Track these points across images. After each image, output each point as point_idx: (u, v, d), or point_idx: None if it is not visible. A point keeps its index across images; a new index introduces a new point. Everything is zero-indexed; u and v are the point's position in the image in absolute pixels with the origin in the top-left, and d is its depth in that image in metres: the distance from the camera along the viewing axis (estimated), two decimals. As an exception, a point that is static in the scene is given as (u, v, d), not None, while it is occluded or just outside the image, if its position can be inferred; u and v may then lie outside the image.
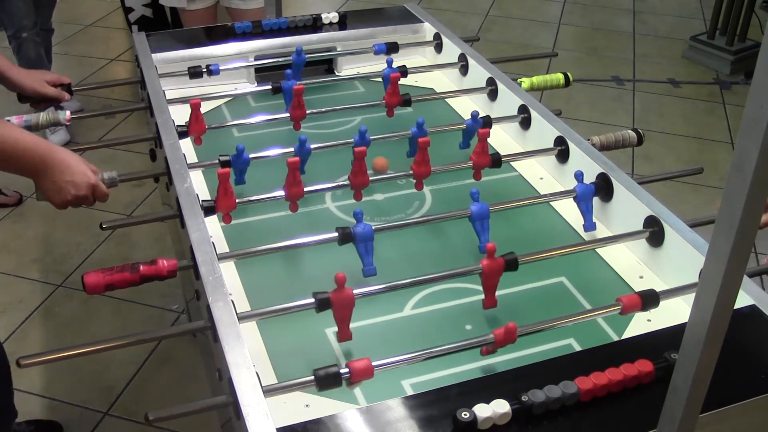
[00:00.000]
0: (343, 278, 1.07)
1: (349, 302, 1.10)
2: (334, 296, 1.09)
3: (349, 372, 0.98)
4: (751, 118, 0.63)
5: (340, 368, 0.99)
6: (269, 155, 1.50)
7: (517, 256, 1.18)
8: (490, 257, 1.16)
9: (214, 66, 1.84)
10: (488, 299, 1.19)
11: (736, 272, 0.71)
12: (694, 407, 0.82)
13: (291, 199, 1.37)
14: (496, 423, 0.93)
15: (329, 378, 0.98)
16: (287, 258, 1.34)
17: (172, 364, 2.39)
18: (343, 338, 1.12)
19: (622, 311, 1.12)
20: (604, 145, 1.58)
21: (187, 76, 1.88)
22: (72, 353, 1.14)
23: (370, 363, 0.99)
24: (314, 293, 1.09)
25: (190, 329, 1.21)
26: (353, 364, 0.99)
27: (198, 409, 0.99)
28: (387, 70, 1.75)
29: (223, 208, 1.33)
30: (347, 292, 1.09)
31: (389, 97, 1.70)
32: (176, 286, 2.35)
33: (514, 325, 1.04)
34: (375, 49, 1.98)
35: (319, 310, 1.09)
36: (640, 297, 1.12)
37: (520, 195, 1.54)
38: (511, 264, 1.18)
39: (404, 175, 1.47)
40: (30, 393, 2.29)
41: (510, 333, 1.04)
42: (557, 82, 1.87)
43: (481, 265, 1.16)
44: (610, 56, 4.30)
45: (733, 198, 0.67)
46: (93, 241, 2.92)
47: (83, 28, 4.65)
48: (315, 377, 0.98)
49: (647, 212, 1.33)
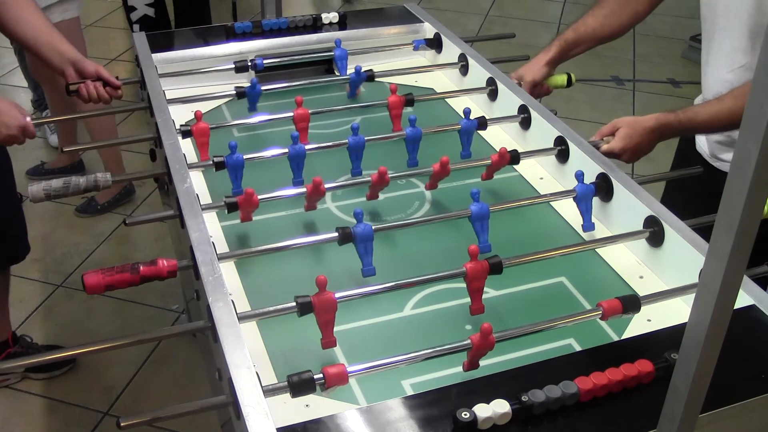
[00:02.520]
0: (324, 281, 1.05)
1: (331, 306, 1.07)
2: (316, 299, 1.07)
3: (324, 377, 0.97)
4: (751, 118, 0.63)
5: (314, 374, 0.97)
6: (265, 156, 1.50)
7: (501, 259, 1.17)
8: (474, 260, 1.15)
9: (258, 60, 1.90)
10: (475, 304, 1.17)
11: (736, 272, 0.71)
12: (694, 407, 0.82)
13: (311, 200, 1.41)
14: (496, 423, 0.93)
15: (303, 384, 0.96)
16: (287, 258, 1.34)
17: (172, 364, 2.39)
18: (327, 345, 1.10)
19: (603, 316, 1.11)
20: None
21: (188, 76, 1.88)
22: (72, 353, 1.14)
23: (344, 369, 0.98)
24: (296, 297, 1.07)
25: (190, 329, 1.21)
26: (328, 369, 0.97)
27: (198, 409, 0.99)
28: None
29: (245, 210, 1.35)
30: (328, 295, 1.06)
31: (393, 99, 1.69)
32: (176, 286, 2.35)
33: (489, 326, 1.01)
34: (414, 45, 2.03)
35: (302, 314, 1.08)
36: (621, 302, 1.11)
37: (520, 195, 1.54)
38: (495, 267, 1.16)
39: (420, 173, 1.49)
40: (30, 393, 2.29)
41: (485, 335, 1.01)
42: (560, 82, 1.87)
43: (465, 268, 1.15)
44: (610, 56, 4.30)
45: (733, 198, 0.67)
46: (93, 241, 2.93)
47: (83, 28, 4.63)
48: (288, 383, 0.97)
49: (647, 212, 1.33)
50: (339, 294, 1.10)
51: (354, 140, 1.50)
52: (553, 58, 1.79)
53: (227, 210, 1.33)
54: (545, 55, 1.80)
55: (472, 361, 1.05)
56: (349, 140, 1.51)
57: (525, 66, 1.83)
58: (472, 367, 1.06)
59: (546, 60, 1.79)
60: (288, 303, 1.11)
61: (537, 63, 1.81)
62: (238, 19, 3.76)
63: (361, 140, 1.51)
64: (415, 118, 1.57)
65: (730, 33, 1.49)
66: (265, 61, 1.92)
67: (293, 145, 1.46)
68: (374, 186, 1.41)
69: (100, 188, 1.48)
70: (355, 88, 1.87)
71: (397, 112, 1.67)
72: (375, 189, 1.43)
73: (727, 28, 1.49)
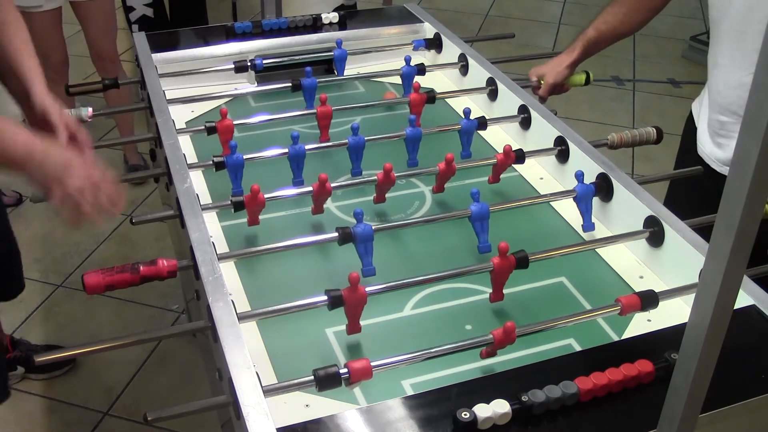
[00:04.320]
0: (356, 278, 1.09)
1: (362, 300, 1.11)
2: (347, 294, 1.10)
3: (348, 372, 0.98)
4: (751, 118, 0.63)
5: (339, 368, 0.99)
6: (265, 156, 1.50)
7: (527, 254, 1.20)
8: (502, 256, 1.17)
9: (258, 60, 1.90)
10: (496, 294, 1.21)
11: (736, 272, 0.71)
12: (694, 407, 0.82)
13: (318, 203, 1.41)
14: (496, 423, 0.93)
15: (329, 378, 0.98)
16: (287, 258, 1.34)
17: (172, 364, 2.39)
18: (352, 331, 1.14)
19: (621, 312, 1.12)
20: (624, 142, 1.58)
21: (188, 76, 1.88)
22: (72, 353, 1.14)
23: (369, 363, 0.99)
24: (326, 290, 1.10)
25: (190, 329, 1.21)
26: (352, 364, 0.99)
27: (198, 409, 0.99)
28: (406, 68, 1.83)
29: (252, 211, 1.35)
30: (361, 290, 1.10)
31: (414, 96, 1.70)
32: (176, 286, 2.35)
33: (512, 324, 1.04)
34: (414, 45, 2.03)
35: (332, 307, 1.10)
36: (639, 297, 1.12)
37: (520, 195, 1.54)
38: (521, 262, 1.19)
39: (422, 173, 1.49)
40: (30, 393, 2.29)
41: (508, 333, 1.04)
42: (579, 81, 1.87)
43: (492, 263, 1.17)
44: (610, 56, 4.30)
45: (733, 198, 0.67)
46: (93, 241, 2.92)
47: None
48: (315, 377, 0.98)
49: (647, 212, 1.33)
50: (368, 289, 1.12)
51: (354, 140, 1.50)
52: (576, 59, 1.79)
53: (233, 209, 1.33)
54: (568, 56, 1.79)
55: (492, 351, 1.07)
56: (348, 140, 1.51)
57: (546, 65, 1.82)
58: (489, 356, 1.09)
59: (569, 62, 1.79)
60: (288, 303, 1.11)
61: (559, 64, 1.80)
62: (238, 19, 3.77)
63: (361, 140, 1.51)
64: (414, 118, 1.57)
65: (750, 36, 1.44)
66: (265, 61, 1.93)
67: (293, 145, 1.46)
68: (381, 186, 1.41)
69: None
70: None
71: (418, 109, 1.69)
72: (382, 190, 1.43)
73: (746, 32, 1.44)
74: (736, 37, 1.49)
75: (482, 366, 1.11)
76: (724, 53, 1.53)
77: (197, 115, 1.83)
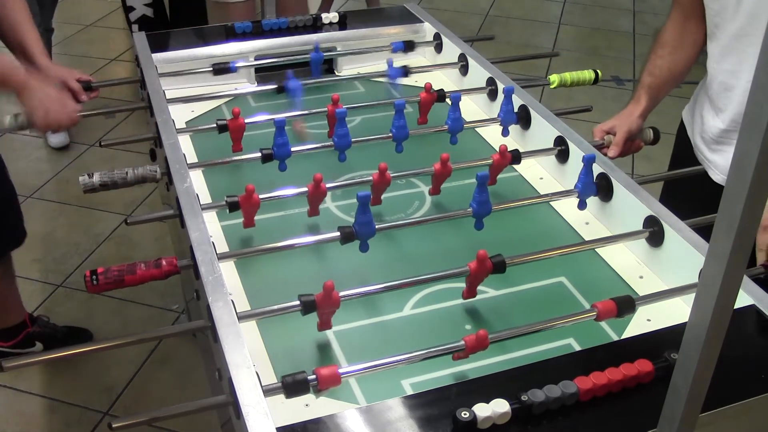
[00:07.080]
0: (331, 286, 1.07)
1: (335, 305, 1.10)
2: (320, 299, 1.09)
3: (317, 379, 0.98)
4: (751, 118, 0.63)
5: (308, 375, 0.98)
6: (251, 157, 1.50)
7: (504, 259, 1.18)
8: (478, 260, 1.16)
9: (232, 64, 1.91)
10: (469, 292, 1.20)
11: (736, 272, 0.71)
12: (694, 407, 0.82)
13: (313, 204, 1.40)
14: (495, 423, 0.93)
15: (297, 384, 0.97)
16: (287, 258, 1.34)
17: (172, 364, 2.39)
18: (323, 327, 1.13)
19: (597, 317, 1.11)
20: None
21: (187, 76, 1.88)
22: (72, 353, 1.14)
23: (336, 370, 0.98)
24: (299, 296, 1.09)
25: (190, 329, 1.21)
26: (320, 371, 0.98)
27: (198, 409, 0.99)
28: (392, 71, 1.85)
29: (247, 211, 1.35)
30: (335, 295, 1.09)
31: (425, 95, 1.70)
32: (176, 286, 2.35)
33: (484, 332, 1.04)
34: (393, 47, 2.02)
35: (305, 312, 1.09)
36: (615, 303, 1.11)
37: (520, 195, 1.54)
38: (498, 266, 1.17)
39: (422, 173, 1.48)
40: (30, 393, 2.29)
41: (481, 341, 1.04)
42: (588, 79, 1.86)
43: (468, 268, 1.16)
44: (610, 56, 4.30)
45: (733, 198, 0.67)
46: (93, 241, 2.92)
47: (83, 28, 4.66)
48: (282, 384, 0.97)
49: (647, 212, 1.33)
50: (340, 293, 1.10)
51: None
52: (646, 108, 1.69)
53: (228, 209, 1.33)
54: (636, 107, 1.68)
55: (463, 356, 1.06)
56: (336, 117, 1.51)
57: (613, 119, 1.69)
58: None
59: (640, 111, 1.68)
60: (288, 302, 1.11)
61: (630, 115, 1.68)
62: (238, 19, 3.75)
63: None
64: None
65: (756, 39, 1.42)
66: (265, 61, 1.93)
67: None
68: (376, 186, 1.41)
69: (146, 181, 1.47)
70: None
71: (427, 108, 1.70)
72: (378, 191, 1.42)
73: (758, 35, 1.41)
74: (742, 43, 1.47)
75: (482, 366, 1.11)
76: (728, 59, 1.52)
77: (197, 114, 1.83)
